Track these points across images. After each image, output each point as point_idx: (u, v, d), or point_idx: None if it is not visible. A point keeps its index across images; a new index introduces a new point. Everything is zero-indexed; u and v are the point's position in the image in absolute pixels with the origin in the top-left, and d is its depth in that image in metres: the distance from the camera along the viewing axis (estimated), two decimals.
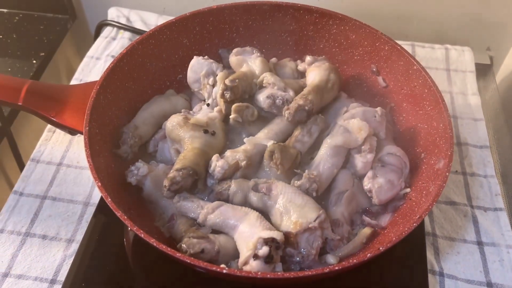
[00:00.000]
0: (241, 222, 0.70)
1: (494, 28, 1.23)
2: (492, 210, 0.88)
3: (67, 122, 0.81)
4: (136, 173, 0.76)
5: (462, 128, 1.01)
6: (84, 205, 0.87)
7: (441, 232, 0.85)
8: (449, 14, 1.22)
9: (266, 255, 0.64)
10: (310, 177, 0.75)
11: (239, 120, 0.81)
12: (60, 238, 0.82)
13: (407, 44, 1.18)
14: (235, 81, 0.82)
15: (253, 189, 0.73)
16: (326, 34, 0.95)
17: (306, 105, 0.79)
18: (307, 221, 0.69)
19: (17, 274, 0.77)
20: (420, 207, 0.72)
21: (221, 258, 0.69)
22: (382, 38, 0.89)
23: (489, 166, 0.94)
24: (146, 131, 0.84)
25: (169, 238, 0.74)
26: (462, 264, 0.81)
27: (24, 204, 0.86)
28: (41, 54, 1.16)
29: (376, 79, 0.94)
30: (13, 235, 0.82)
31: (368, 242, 0.74)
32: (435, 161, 0.76)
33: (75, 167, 0.92)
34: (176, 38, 0.92)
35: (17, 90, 0.81)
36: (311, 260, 0.68)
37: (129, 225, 0.63)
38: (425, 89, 0.83)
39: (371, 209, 0.79)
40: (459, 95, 1.08)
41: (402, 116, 0.89)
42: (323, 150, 0.78)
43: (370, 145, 0.78)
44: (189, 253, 0.66)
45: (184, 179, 0.73)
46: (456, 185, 0.91)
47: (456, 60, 1.15)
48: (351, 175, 0.80)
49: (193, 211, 0.73)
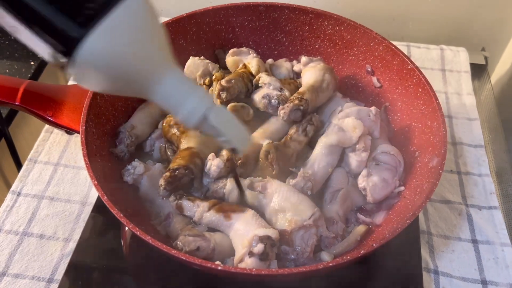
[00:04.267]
0: (236, 220, 0.70)
1: (489, 28, 1.24)
2: (487, 208, 0.88)
3: (64, 121, 0.82)
4: (132, 172, 0.77)
5: (457, 128, 1.02)
6: (81, 204, 0.87)
7: (436, 230, 0.85)
8: (444, 15, 1.23)
9: (261, 252, 0.65)
10: (305, 176, 0.75)
11: None
12: (57, 237, 0.83)
13: (402, 45, 1.19)
14: (231, 82, 0.82)
15: (248, 187, 0.74)
16: (321, 34, 0.96)
17: (301, 105, 0.80)
18: (301, 219, 0.69)
19: (14, 273, 0.78)
20: (414, 205, 0.72)
21: (217, 256, 0.69)
22: (377, 38, 0.90)
23: (483, 165, 0.95)
24: (142, 131, 0.85)
25: (165, 236, 0.75)
26: (457, 262, 0.81)
27: (22, 204, 0.87)
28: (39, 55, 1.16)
29: (371, 79, 0.94)
30: (10, 235, 0.83)
31: (362, 239, 0.75)
32: (429, 159, 0.77)
33: (72, 167, 0.93)
34: (172, 39, 0.93)
35: (15, 90, 0.82)
36: (306, 257, 0.69)
37: (125, 223, 0.64)
38: (419, 88, 0.84)
39: (365, 207, 0.80)
40: (454, 95, 1.09)
41: (397, 115, 0.90)
42: (318, 149, 0.79)
43: (365, 144, 0.79)
44: (184, 251, 0.67)
45: (180, 178, 0.73)
46: (451, 184, 0.92)
47: (451, 60, 1.16)
48: (346, 173, 0.80)
49: (189, 210, 0.73)
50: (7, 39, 1.20)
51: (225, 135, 0.59)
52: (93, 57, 0.49)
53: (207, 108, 0.56)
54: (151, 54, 0.53)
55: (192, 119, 0.56)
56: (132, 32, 0.51)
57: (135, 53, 0.52)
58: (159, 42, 0.54)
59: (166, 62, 0.55)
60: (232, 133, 0.60)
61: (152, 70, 0.53)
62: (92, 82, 0.55)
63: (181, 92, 0.56)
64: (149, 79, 0.54)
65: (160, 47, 0.54)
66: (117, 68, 0.51)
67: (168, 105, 0.57)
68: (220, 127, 0.58)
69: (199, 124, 0.57)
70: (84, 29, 0.47)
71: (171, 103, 0.56)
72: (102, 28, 0.48)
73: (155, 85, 0.54)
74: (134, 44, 0.51)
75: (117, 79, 0.53)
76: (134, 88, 0.55)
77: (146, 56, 0.53)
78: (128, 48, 0.51)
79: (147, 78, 0.54)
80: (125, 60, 0.51)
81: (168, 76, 0.54)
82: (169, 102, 0.56)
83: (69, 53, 0.48)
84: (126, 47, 0.51)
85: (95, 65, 0.50)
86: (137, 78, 0.53)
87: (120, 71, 0.52)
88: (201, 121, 0.57)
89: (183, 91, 0.56)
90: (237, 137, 0.61)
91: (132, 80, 0.53)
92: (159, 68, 0.54)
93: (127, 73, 0.52)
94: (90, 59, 0.49)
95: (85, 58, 0.48)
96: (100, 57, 0.49)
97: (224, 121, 0.58)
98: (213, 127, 0.58)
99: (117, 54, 0.50)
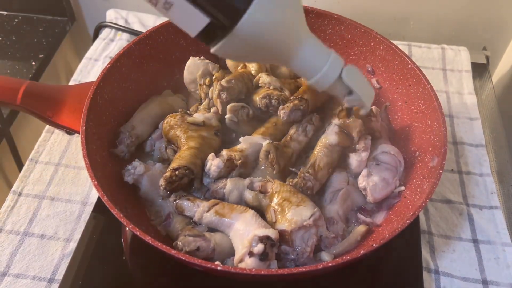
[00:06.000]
0: (236, 220, 0.70)
1: (490, 27, 1.23)
2: (488, 208, 0.88)
3: (65, 122, 0.82)
4: (133, 172, 0.77)
5: (458, 127, 1.02)
6: (82, 204, 0.87)
7: (437, 230, 0.85)
8: (445, 14, 1.22)
9: (261, 252, 0.65)
10: (305, 176, 0.75)
11: (234, 120, 0.81)
12: (58, 237, 0.83)
13: (403, 44, 1.19)
14: (231, 82, 0.82)
15: (248, 187, 0.74)
16: (322, 34, 0.96)
17: (301, 105, 0.79)
18: (302, 219, 0.69)
19: (15, 273, 0.78)
20: (414, 205, 0.72)
21: (217, 256, 0.69)
22: (377, 38, 0.90)
23: (484, 165, 0.95)
24: (143, 131, 0.85)
25: (165, 236, 0.75)
26: (457, 262, 0.81)
27: (23, 204, 0.87)
28: (40, 56, 1.16)
29: (371, 79, 0.94)
30: (11, 235, 0.83)
31: (362, 239, 0.75)
32: (429, 159, 0.77)
33: (73, 167, 0.93)
34: (172, 39, 0.93)
35: (15, 90, 0.82)
36: (306, 257, 0.69)
37: (125, 223, 0.64)
38: (419, 87, 0.84)
39: (365, 207, 0.80)
40: (455, 94, 1.09)
41: (397, 115, 0.90)
42: (318, 148, 0.79)
43: (365, 144, 0.79)
44: (184, 251, 0.67)
45: (180, 178, 0.73)
46: (452, 183, 0.92)
47: (452, 59, 1.16)
48: (346, 173, 0.80)
49: (189, 210, 0.73)
50: (8, 40, 1.20)
51: (356, 93, 0.63)
52: (252, 28, 0.52)
53: (340, 69, 0.61)
54: (297, 20, 0.57)
55: (329, 80, 0.61)
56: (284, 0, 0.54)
57: (286, 20, 0.55)
58: (298, 11, 0.58)
59: (304, 30, 0.59)
60: (362, 91, 0.64)
61: (296, 36, 0.57)
62: (239, 53, 0.58)
63: (318, 57, 0.60)
64: (291, 45, 0.57)
65: (299, 16, 0.58)
66: (269, 36, 0.54)
67: (306, 69, 0.61)
68: (352, 85, 0.62)
69: (333, 85, 0.61)
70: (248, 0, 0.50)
71: (308, 67, 0.60)
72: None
73: (296, 51, 0.58)
74: (286, 12, 0.54)
75: (264, 47, 0.56)
76: (275, 55, 0.58)
77: (294, 23, 0.56)
78: (281, 17, 0.54)
79: (290, 44, 0.57)
80: (278, 28, 0.54)
81: (307, 41, 0.59)
82: (307, 66, 0.60)
83: (232, 24, 0.51)
84: (279, 15, 0.54)
85: (252, 36, 0.53)
86: (281, 46, 0.57)
87: (270, 40, 0.55)
88: (335, 82, 0.61)
89: (319, 55, 0.60)
90: (365, 94, 0.65)
91: (276, 48, 0.57)
92: (301, 34, 0.58)
93: (275, 41, 0.55)
94: (249, 30, 0.52)
95: (245, 29, 0.51)
96: (259, 27, 0.52)
97: (355, 80, 0.62)
98: (346, 86, 0.62)
99: (272, 23, 0.53)
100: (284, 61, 0.60)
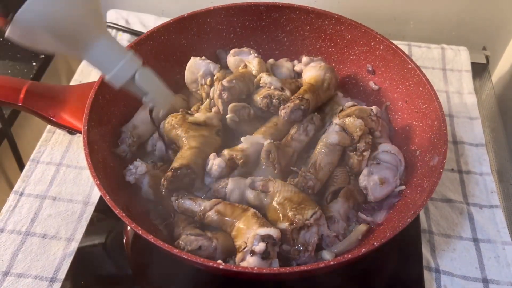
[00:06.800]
0: (238, 219, 0.71)
1: (490, 27, 1.24)
2: (488, 207, 0.89)
3: (66, 122, 0.82)
4: (134, 171, 0.77)
5: (458, 127, 1.02)
6: (83, 204, 0.87)
7: (437, 229, 0.85)
8: (445, 14, 1.23)
9: (262, 251, 0.65)
10: (306, 175, 0.75)
11: (235, 119, 0.82)
12: (60, 237, 0.83)
13: (403, 44, 1.19)
14: (233, 82, 0.83)
15: (250, 186, 0.74)
16: (322, 34, 0.96)
17: (302, 104, 0.80)
18: (303, 218, 0.70)
19: (17, 273, 0.78)
20: (415, 204, 0.72)
21: (219, 255, 0.70)
22: (377, 38, 0.90)
23: (484, 164, 0.95)
24: (144, 131, 0.85)
25: (167, 235, 0.75)
26: (458, 261, 0.81)
27: (24, 204, 0.87)
28: (41, 56, 1.17)
29: (371, 79, 0.95)
30: (13, 235, 0.83)
31: (363, 238, 0.75)
32: (430, 158, 0.77)
33: (74, 167, 0.93)
34: (173, 39, 0.93)
35: (17, 90, 0.83)
36: (307, 256, 0.69)
37: (127, 222, 0.64)
38: (419, 87, 0.84)
39: (366, 206, 0.80)
40: (455, 94, 1.09)
41: (398, 114, 0.90)
42: (319, 148, 0.79)
43: (366, 143, 0.79)
44: (186, 250, 0.67)
45: (181, 178, 0.74)
46: (452, 182, 0.92)
47: (452, 59, 1.16)
48: (347, 172, 0.80)
49: (191, 209, 0.74)
50: (9, 40, 1.20)
51: (149, 94, 0.67)
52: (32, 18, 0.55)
53: (135, 70, 0.64)
54: (85, 18, 0.60)
55: (121, 79, 0.64)
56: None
57: (70, 16, 0.58)
58: (92, 8, 0.61)
59: (98, 27, 0.62)
60: (155, 92, 0.68)
61: (85, 33, 0.60)
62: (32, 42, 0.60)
63: (112, 55, 0.63)
64: (82, 42, 0.60)
65: (92, 13, 0.61)
66: (53, 29, 0.57)
67: (99, 66, 0.64)
68: (144, 86, 0.66)
69: (127, 84, 0.65)
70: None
71: (102, 64, 0.63)
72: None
73: (88, 47, 0.61)
74: (69, 7, 0.57)
75: (54, 39, 0.58)
76: (69, 49, 0.62)
77: (79, 19, 0.59)
78: (63, 11, 0.57)
79: (81, 40, 0.60)
80: (60, 22, 0.57)
81: (100, 39, 0.61)
82: (100, 63, 0.63)
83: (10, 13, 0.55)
84: (61, 10, 0.57)
85: (33, 25, 0.56)
86: (72, 41, 0.60)
87: (56, 32, 0.58)
88: (128, 81, 0.64)
89: (113, 54, 0.63)
90: (159, 96, 0.69)
91: (67, 42, 0.60)
92: (92, 32, 0.61)
93: (62, 35, 0.58)
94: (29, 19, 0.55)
95: (25, 18, 0.55)
96: (38, 17, 0.55)
97: (148, 82, 0.66)
98: (139, 87, 0.65)
99: (53, 16, 0.56)
100: (78, 54, 0.62)
